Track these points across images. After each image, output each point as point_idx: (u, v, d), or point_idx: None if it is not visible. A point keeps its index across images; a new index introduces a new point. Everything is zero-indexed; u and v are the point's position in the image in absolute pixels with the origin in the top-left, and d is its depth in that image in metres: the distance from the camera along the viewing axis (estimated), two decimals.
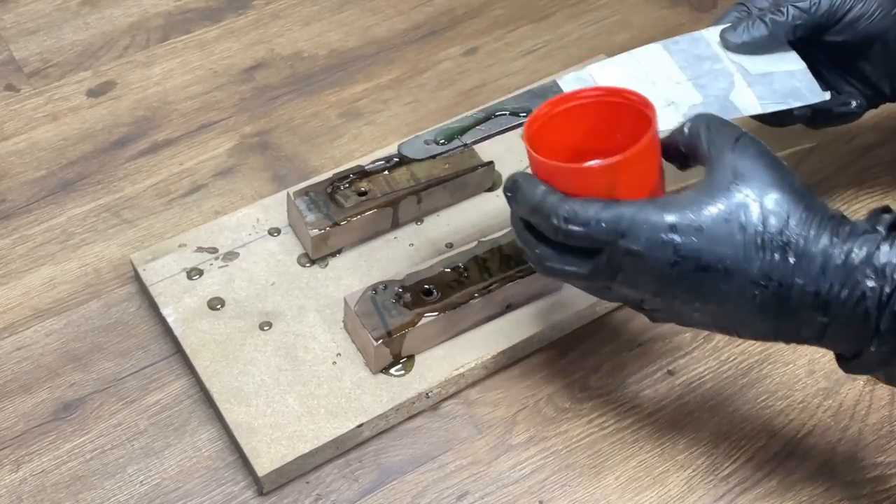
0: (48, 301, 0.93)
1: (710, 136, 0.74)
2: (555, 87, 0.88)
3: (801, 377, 0.90)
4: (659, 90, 0.86)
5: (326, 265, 0.93)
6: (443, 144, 0.86)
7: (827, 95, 0.89)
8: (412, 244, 0.95)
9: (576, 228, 0.72)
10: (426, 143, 0.87)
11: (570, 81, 0.88)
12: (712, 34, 0.89)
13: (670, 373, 0.90)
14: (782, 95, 0.87)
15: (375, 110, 1.08)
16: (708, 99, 0.86)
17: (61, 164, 1.03)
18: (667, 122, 0.82)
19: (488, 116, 0.88)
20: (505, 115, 0.88)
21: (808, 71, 0.89)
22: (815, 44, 0.90)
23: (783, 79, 0.88)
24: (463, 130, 0.87)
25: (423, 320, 0.86)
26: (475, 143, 0.87)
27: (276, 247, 0.94)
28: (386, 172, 0.96)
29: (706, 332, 0.91)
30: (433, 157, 0.86)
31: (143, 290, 0.93)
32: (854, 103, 0.91)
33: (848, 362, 0.74)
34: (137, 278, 0.93)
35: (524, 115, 0.86)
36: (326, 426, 0.84)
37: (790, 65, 0.89)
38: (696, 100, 0.86)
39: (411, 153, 0.86)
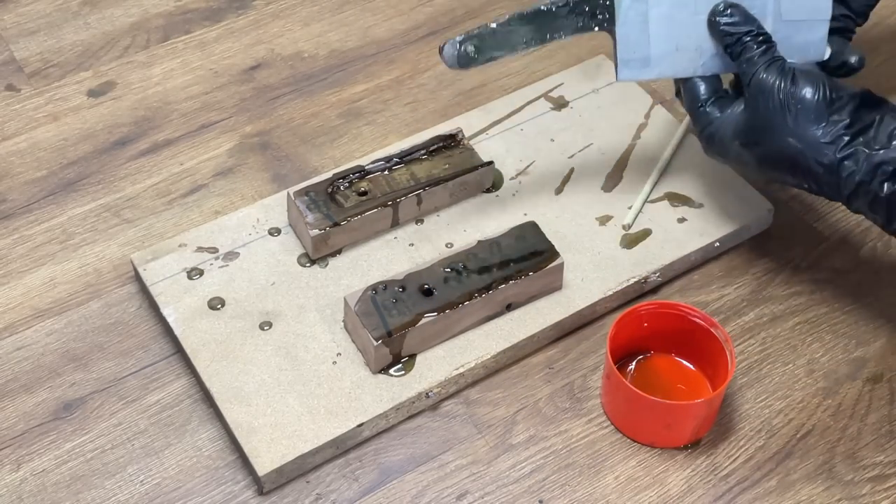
0: (48, 301, 0.93)
1: None
2: None
3: (800, 377, 0.90)
4: (693, 30, 0.88)
5: (326, 265, 0.94)
6: (478, 54, 0.85)
7: (825, 55, 0.90)
8: (412, 244, 0.95)
9: None
10: (466, 51, 0.85)
11: None
12: None
13: None
14: (789, 50, 0.88)
15: (375, 110, 1.08)
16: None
17: (62, 164, 1.03)
18: (684, 67, 0.89)
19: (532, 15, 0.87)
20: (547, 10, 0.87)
21: (827, 23, 0.90)
22: None
23: (804, 30, 0.90)
24: (506, 36, 0.86)
25: (423, 320, 0.86)
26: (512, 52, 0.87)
27: (276, 247, 0.95)
28: (386, 172, 0.96)
29: None
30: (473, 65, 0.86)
31: (144, 290, 0.93)
32: (853, 59, 0.92)
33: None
34: (138, 278, 0.93)
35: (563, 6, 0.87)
36: (326, 426, 0.84)
37: (820, 13, 0.90)
38: (718, 50, 0.88)
39: (450, 60, 0.85)
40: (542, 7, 0.87)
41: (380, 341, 0.85)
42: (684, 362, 0.89)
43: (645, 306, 0.86)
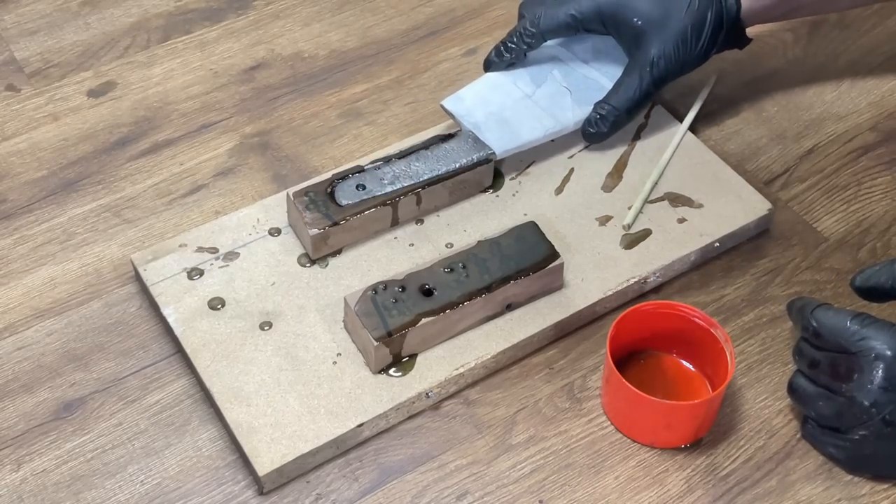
0: (49, 301, 0.93)
1: None
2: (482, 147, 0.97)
3: None
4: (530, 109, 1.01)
5: (326, 265, 0.94)
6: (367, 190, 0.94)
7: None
8: (412, 244, 0.95)
9: None
10: (357, 188, 0.94)
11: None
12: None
13: None
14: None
15: (375, 110, 1.08)
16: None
17: (62, 165, 1.03)
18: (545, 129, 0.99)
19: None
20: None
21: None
22: None
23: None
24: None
25: (423, 320, 0.86)
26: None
27: (276, 247, 0.95)
28: None
29: None
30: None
31: (144, 290, 0.93)
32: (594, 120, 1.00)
33: None
34: (138, 278, 0.93)
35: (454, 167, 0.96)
36: (327, 426, 0.84)
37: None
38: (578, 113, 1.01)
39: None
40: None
41: (380, 341, 0.85)
42: (684, 362, 0.89)
43: (645, 306, 0.86)
